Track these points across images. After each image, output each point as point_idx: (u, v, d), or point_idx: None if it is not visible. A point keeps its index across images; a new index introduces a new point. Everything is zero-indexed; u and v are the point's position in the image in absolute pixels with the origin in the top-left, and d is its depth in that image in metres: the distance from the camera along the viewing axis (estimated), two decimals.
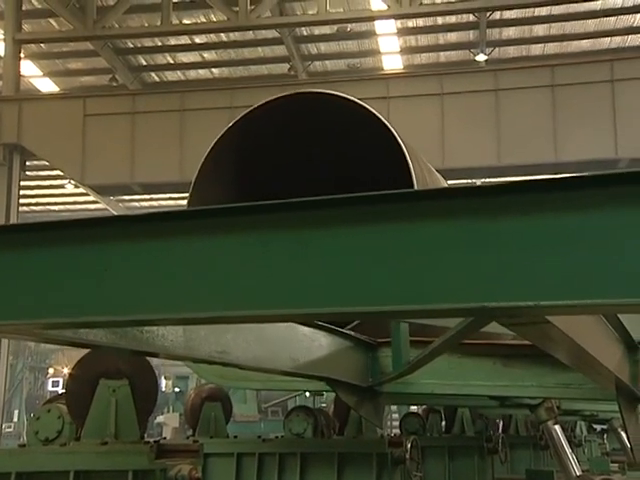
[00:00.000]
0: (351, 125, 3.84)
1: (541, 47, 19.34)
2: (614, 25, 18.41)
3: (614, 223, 1.26)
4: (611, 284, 1.25)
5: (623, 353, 2.96)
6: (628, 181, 1.25)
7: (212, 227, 1.44)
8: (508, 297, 1.30)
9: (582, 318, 2.06)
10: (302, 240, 1.39)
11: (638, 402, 3.07)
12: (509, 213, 1.30)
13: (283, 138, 4.02)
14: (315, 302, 1.40)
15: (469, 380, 3.68)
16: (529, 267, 1.28)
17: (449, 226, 1.33)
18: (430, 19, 17.62)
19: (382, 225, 1.36)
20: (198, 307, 1.45)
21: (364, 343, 3.83)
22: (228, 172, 3.95)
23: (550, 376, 3.30)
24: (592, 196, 1.26)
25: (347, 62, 19.85)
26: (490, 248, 1.31)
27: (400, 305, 1.37)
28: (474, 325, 2.00)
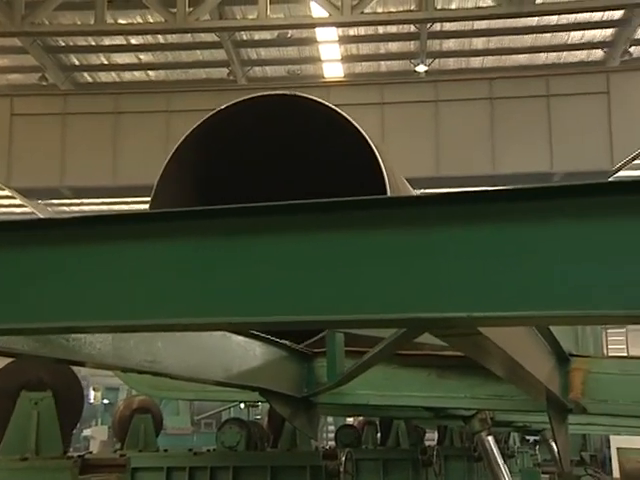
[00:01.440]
0: (322, 129, 3.74)
1: (480, 60, 19.72)
2: (550, 41, 18.93)
3: (546, 235, 1.25)
4: (541, 296, 1.24)
5: (554, 365, 2.97)
6: (559, 194, 1.25)
7: (145, 232, 1.40)
8: (440, 308, 1.29)
9: (514, 330, 2.05)
10: (238, 247, 1.37)
11: (568, 413, 3.10)
12: (444, 224, 1.30)
13: (251, 141, 3.90)
14: (249, 311, 1.37)
15: (404, 391, 3.67)
16: (461, 278, 1.27)
17: (383, 236, 1.32)
18: (371, 28, 17.78)
19: (317, 234, 1.35)
20: (128, 315, 1.41)
21: (299, 353, 3.77)
22: (191, 175, 3.81)
23: (484, 387, 3.30)
24: (526, 209, 1.26)
25: (287, 68, 19.86)
26: (423, 259, 1.30)
27: (333, 315, 1.36)
28: (407, 336, 1.97)
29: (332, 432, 10.67)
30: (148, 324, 1.47)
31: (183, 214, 1.39)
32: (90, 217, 1.40)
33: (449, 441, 7.20)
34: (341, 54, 19.10)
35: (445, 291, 1.28)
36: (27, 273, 1.42)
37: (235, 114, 3.50)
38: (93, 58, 19.26)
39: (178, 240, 1.38)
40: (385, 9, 16.83)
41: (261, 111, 3.52)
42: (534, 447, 9.74)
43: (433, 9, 15.38)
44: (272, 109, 3.53)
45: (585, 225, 1.24)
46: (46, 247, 1.42)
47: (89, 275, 1.40)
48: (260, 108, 3.52)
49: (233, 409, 14.88)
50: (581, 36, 18.83)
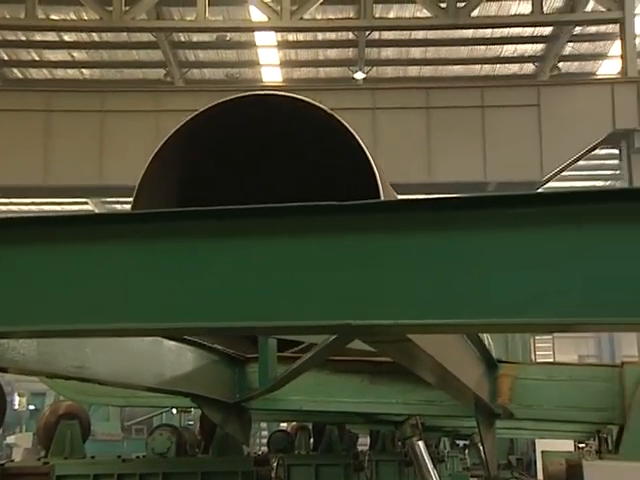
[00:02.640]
0: (311, 130, 3.67)
1: (417, 69, 20.02)
2: (484, 54, 19.37)
3: (473, 244, 1.27)
4: (468, 304, 1.26)
5: (483, 371, 3.03)
6: (490, 204, 1.27)
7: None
8: (369, 315, 1.30)
9: (444, 337, 2.07)
10: (171, 252, 1.35)
11: (495, 418, 3.16)
12: (374, 231, 1.30)
13: (236, 141, 3.81)
14: (182, 316, 1.36)
15: (336, 397, 3.68)
16: (390, 286, 1.29)
17: (313, 243, 1.32)
18: (310, 34, 17.83)
19: (250, 240, 1.34)
20: (59, 319, 1.38)
21: (232, 358, 3.74)
22: (174, 176, 3.70)
23: (414, 393, 3.34)
24: (455, 218, 1.27)
25: (226, 72, 19.73)
26: (353, 266, 1.31)
27: (264, 321, 1.36)
28: (338, 342, 1.98)
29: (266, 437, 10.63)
30: (79, 329, 1.43)
31: (130, 217, 1.38)
32: (20, 219, 1.36)
33: (381, 446, 7.25)
34: (280, 59, 19.09)
35: (374, 299, 1.29)
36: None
37: (221, 113, 3.44)
38: (23, 54, 18.70)
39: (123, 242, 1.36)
40: (324, 16, 16.92)
41: (248, 111, 3.46)
42: (464, 451, 9.90)
43: (372, 17, 15.53)
44: (259, 108, 3.47)
45: (512, 235, 1.26)
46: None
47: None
48: (247, 107, 3.46)
49: (165, 414, 14.65)
50: (514, 50, 19.33)
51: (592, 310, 1.22)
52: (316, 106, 3.46)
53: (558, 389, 3.15)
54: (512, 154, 14.66)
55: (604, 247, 1.23)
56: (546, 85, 15.83)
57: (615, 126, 13.99)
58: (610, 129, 14.03)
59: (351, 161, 3.36)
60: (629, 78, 14.26)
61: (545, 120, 14.53)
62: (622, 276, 1.21)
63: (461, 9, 14.74)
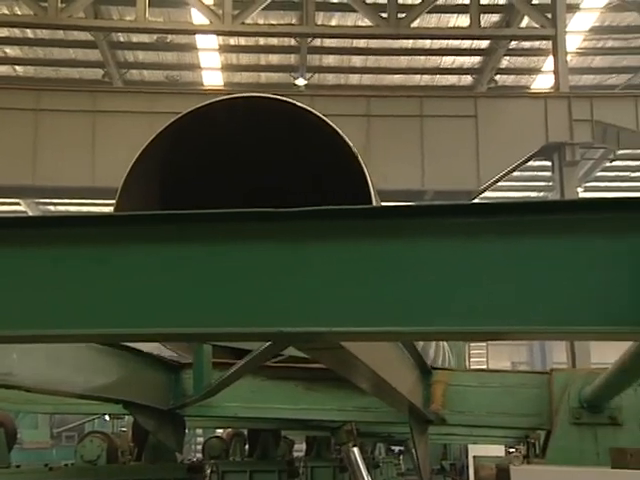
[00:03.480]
0: (302, 135, 3.59)
1: (358, 77, 20.19)
2: (424, 64, 19.67)
3: (407, 253, 1.28)
4: (400, 312, 1.26)
5: (417, 378, 3.06)
6: (424, 213, 1.29)
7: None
8: (303, 322, 1.30)
9: (377, 344, 2.09)
10: (98, 258, 1.33)
11: (428, 424, 3.19)
12: (306, 238, 1.30)
13: (221, 145, 3.71)
14: (108, 323, 1.33)
15: (272, 403, 3.67)
16: (323, 293, 1.28)
17: (245, 250, 1.32)
18: (252, 39, 17.78)
19: (182, 246, 1.33)
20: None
21: (166, 364, 3.69)
22: (155, 178, 3.59)
23: (350, 399, 3.35)
24: (388, 226, 1.28)
25: (166, 74, 19.50)
26: (285, 273, 1.30)
27: (195, 328, 1.34)
28: (272, 349, 1.97)
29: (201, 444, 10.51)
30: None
31: (39, 221, 1.34)
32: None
33: (316, 452, 7.26)
34: (221, 63, 18.98)
35: (306, 306, 1.29)
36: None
37: (207, 115, 3.35)
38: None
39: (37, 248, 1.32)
40: (266, 21, 16.90)
41: (235, 113, 3.39)
42: (399, 457, 10.00)
43: (313, 24, 15.59)
44: (247, 110, 3.40)
45: (444, 244, 1.27)
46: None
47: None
48: (235, 109, 3.39)
49: (97, 421, 14.33)
50: (452, 61, 19.70)
51: (521, 320, 1.24)
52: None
53: (489, 395, 3.21)
54: (450, 163, 14.89)
55: (534, 257, 1.25)
56: (483, 97, 16.17)
57: (548, 139, 14.38)
58: (543, 142, 14.41)
59: (339, 166, 3.36)
60: (561, 93, 14.69)
61: (482, 131, 14.82)
62: (550, 286, 1.24)
63: (402, 19, 14.93)
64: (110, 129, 13.79)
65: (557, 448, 2.95)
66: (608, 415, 2.94)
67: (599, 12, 17.92)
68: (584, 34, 18.67)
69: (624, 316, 1.21)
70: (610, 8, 17.62)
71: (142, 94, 14.56)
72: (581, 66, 19.60)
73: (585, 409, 2.96)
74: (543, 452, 3.00)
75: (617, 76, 20.33)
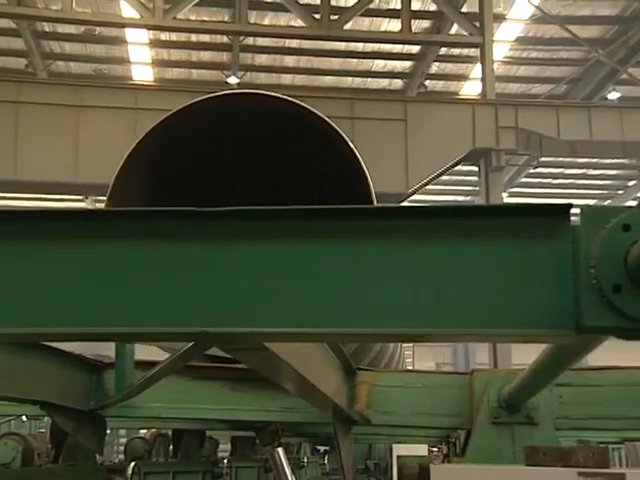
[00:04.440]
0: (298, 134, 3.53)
1: (291, 77, 20.19)
2: (356, 67, 19.84)
3: (331, 255, 1.28)
4: (321, 313, 1.27)
5: (342, 378, 3.08)
6: (350, 216, 1.29)
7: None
8: (226, 323, 1.30)
9: (302, 345, 2.09)
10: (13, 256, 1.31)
11: (353, 424, 3.22)
12: (231, 238, 1.30)
13: (215, 142, 3.61)
14: (26, 322, 1.31)
15: (197, 403, 3.63)
16: (246, 294, 1.28)
17: (169, 250, 1.31)
18: (183, 35, 17.58)
19: (99, 244, 1.31)
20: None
21: (87, 364, 3.60)
22: (146, 175, 3.47)
23: (275, 400, 3.35)
24: (312, 228, 1.29)
25: (93, 67, 19.07)
26: (210, 273, 1.30)
27: (119, 327, 1.33)
28: (195, 349, 1.94)
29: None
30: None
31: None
32: None
33: (241, 452, 7.23)
34: (151, 58, 18.69)
35: (231, 306, 1.29)
36: None
37: (201, 111, 3.27)
38: None
39: None
40: (198, 17, 16.73)
41: (231, 109, 3.31)
42: (324, 457, 10.05)
43: (246, 22, 15.51)
44: (241, 107, 3.32)
45: (367, 246, 1.28)
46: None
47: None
48: (230, 106, 3.30)
49: (14, 422, 13.89)
50: (384, 65, 19.94)
51: (440, 322, 1.26)
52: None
53: (413, 396, 3.26)
54: (379, 166, 15.05)
55: (452, 261, 1.27)
56: (413, 101, 16.41)
57: (475, 144, 14.71)
58: (470, 147, 14.73)
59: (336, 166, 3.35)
60: (488, 100, 15.05)
61: (411, 135, 15.05)
62: (469, 289, 1.26)
63: (334, 21, 15.01)
64: (34, 121, 13.38)
65: (476, 447, 3.02)
66: (525, 415, 3.03)
67: (524, 23, 18.47)
68: (510, 44, 19.21)
69: (540, 319, 1.25)
70: (534, 20, 18.19)
71: (68, 86, 14.17)
72: (507, 74, 20.15)
73: (504, 409, 3.04)
74: (463, 451, 3.07)
75: (540, 86, 21.00)
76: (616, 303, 1.19)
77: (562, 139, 15.12)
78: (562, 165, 21.30)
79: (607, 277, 1.20)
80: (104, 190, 3.28)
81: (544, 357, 2.08)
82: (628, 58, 19.63)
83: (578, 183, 23.86)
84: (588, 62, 19.80)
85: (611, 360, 3.26)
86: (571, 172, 22.72)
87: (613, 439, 4.54)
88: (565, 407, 3.13)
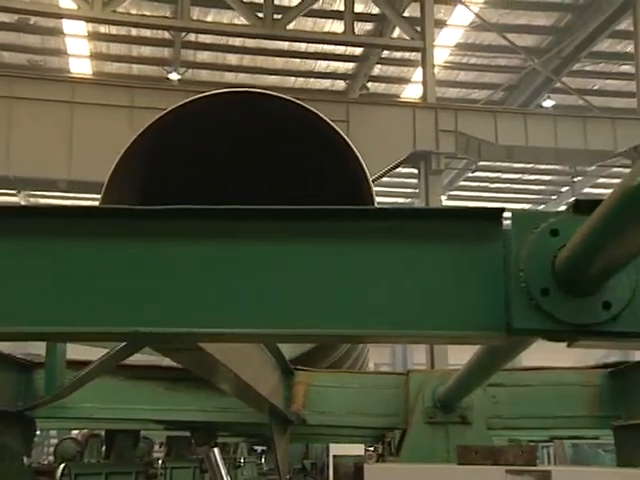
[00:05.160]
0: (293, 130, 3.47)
1: (234, 76, 20.08)
2: (299, 67, 19.85)
3: (267, 254, 1.29)
4: (257, 314, 1.27)
5: (279, 378, 3.08)
6: (290, 217, 1.30)
7: None
8: (159, 323, 1.29)
9: (237, 345, 2.08)
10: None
11: (289, 424, 3.22)
12: (163, 238, 1.29)
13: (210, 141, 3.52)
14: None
15: (131, 404, 3.58)
16: (180, 293, 1.28)
17: (101, 248, 1.30)
18: (124, 28, 17.28)
19: (31, 241, 1.29)
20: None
21: (16, 363, 3.50)
22: (139, 173, 3.36)
23: (211, 400, 3.32)
24: (252, 228, 1.28)
25: (28, 57, 18.57)
26: (142, 272, 1.29)
27: (49, 327, 1.31)
28: (127, 349, 1.91)
29: None
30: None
31: None
32: None
33: (177, 453, 7.15)
34: (90, 50, 18.32)
35: (163, 306, 1.28)
36: None
37: (194, 111, 3.20)
38: None
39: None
40: (139, 11, 16.48)
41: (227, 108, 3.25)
42: (261, 457, 10.03)
43: (188, 19, 15.35)
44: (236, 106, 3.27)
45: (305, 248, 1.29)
46: None
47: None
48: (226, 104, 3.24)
49: None
50: (327, 66, 20.01)
51: (376, 323, 1.27)
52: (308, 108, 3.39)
53: (349, 396, 3.28)
54: None
55: (390, 263, 1.28)
56: (355, 103, 16.51)
57: (415, 147, 14.89)
58: (411, 150, 14.91)
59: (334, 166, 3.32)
60: (428, 104, 15.26)
61: (353, 136, 15.02)
62: (404, 292, 1.27)
63: (277, 21, 14.99)
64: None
65: (411, 446, 3.06)
66: (459, 414, 3.08)
67: (464, 30, 18.81)
68: (450, 49, 19.53)
69: (472, 321, 1.27)
70: (474, 27, 18.55)
71: (2, 77, 13.76)
72: (447, 79, 20.47)
73: (438, 408, 3.09)
74: (398, 450, 3.11)
75: (479, 91, 21.44)
76: (543, 306, 1.21)
77: (500, 144, 15.46)
78: (499, 170, 21.77)
79: (535, 280, 1.22)
80: (38, 184, 3.19)
81: (477, 358, 2.12)
82: (562, 68, 20.24)
83: (514, 187, 24.42)
84: (524, 70, 20.29)
85: (544, 360, 3.35)
86: (508, 177, 23.24)
87: (543, 438, 4.68)
88: (498, 407, 3.20)
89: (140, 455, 6.24)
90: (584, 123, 16.23)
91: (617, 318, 1.22)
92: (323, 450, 9.20)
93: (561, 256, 1.21)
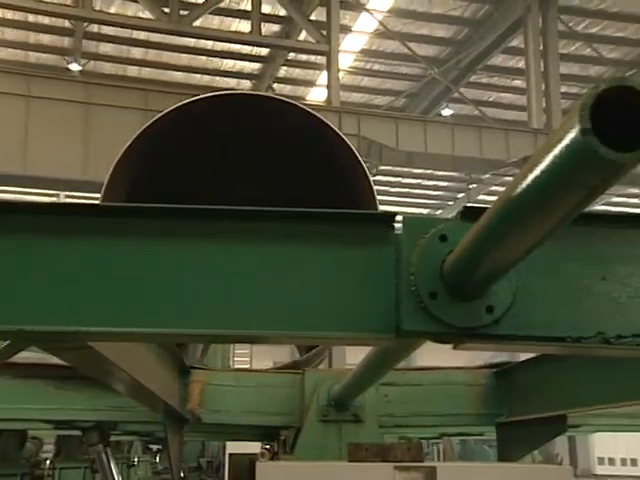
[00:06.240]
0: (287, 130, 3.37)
1: (137, 70, 19.67)
2: (205, 64, 19.67)
3: (155, 255, 1.28)
4: (146, 313, 1.26)
5: (174, 377, 3.06)
6: (174, 215, 1.29)
7: None
8: (46, 321, 1.25)
9: (130, 344, 2.05)
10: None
11: (184, 423, 3.20)
12: (46, 234, 1.26)
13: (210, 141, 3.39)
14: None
15: (18, 403, 3.46)
16: (66, 291, 1.25)
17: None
18: (20, 14, 16.62)
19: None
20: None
21: None
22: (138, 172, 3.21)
23: (104, 399, 3.26)
24: (135, 226, 1.28)
25: None
26: (25, 271, 1.26)
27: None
28: (12, 348, 1.85)
29: None
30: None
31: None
32: None
33: (67, 453, 6.95)
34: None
35: (51, 304, 1.25)
36: None
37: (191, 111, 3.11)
38: None
39: None
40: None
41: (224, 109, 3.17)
42: (156, 455, 9.89)
43: (90, 9, 14.93)
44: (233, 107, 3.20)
45: (191, 248, 1.29)
46: None
47: None
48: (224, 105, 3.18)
49: None
50: (233, 65, 19.92)
51: (269, 324, 1.28)
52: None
53: (245, 395, 3.29)
54: None
55: (282, 265, 1.29)
56: None
57: None
58: None
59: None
60: (332, 107, 15.46)
61: None
62: (297, 293, 1.29)
63: (184, 17, 14.81)
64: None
65: (305, 444, 3.10)
66: (352, 413, 3.13)
67: (368, 36, 19.18)
68: (355, 55, 19.86)
69: (364, 323, 1.29)
70: (378, 34, 18.96)
71: None
72: (352, 84, 20.81)
73: (332, 407, 3.13)
74: (292, 448, 3.14)
75: (382, 97, 21.91)
76: (431, 309, 1.24)
77: (400, 149, 15.83)
78: (400, 174, 22.28)
79: (424, 284, 1.25)
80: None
81: (370, 358, 2.17)
82: (460, 79, 20.99)
83: (414, 192, 25.06)
84: (425, 79, 20.92)
85: (437, 361, 3.46)
86: (408, 182, 23.82)
87: (432, 435, 4.83)
88: (390, 405, 3.28)
89: (27, 456, 6.03)
90: (479, 133, 16.90)
91: (499, 321, 1.25)
92: (220, 448, 9.17)
93: (449, 261, 1.23)
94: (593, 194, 0.89)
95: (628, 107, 0.81)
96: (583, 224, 1.30)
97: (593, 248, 1.31)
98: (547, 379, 2.77)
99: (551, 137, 0.87)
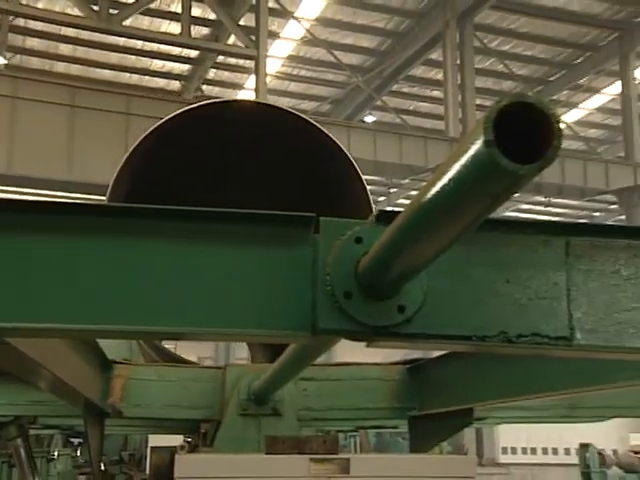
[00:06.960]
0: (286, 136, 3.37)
1: (65, 66, 19.29)
2: (134, 64, 19.45)
3: (71, 250, 1.30)
4: (71, 309, 1.27)
5: (96, 372, 3.08)
6: (105, 214, 1.32)
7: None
8: None
9: (52, 341, 2.04)
10: None
11: (105, 417, 3.23)
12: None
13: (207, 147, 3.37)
14: None
15: None
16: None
17: None
18: None
19: None
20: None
21: None
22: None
23: (23, 393, 3.23)
24: (54, 223, 1.29)
25: None
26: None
27: None
28: None
29: None
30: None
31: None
32: None
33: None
34: None
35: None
36: None
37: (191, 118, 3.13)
38: None
39: None
40: None
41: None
42: (77, 449, 9.74)
43: (17, 2, 14.58)
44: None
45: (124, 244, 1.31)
46: None
47: None
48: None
49: None
50: (162, 65, 19.76)
51: (194, 321, 1.32)
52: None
53: (167, 389, 3.33)
54: None
55: (209, 263, 1.34)
56: (190, 104, 16.44)
57: None
58: None
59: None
60: None
61: None
62: (222, 292, 1.33)
63: (114, 16, 14.62)
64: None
65: (224, 437, 3.16)
66: (272, 407, 3.21)
67: (295, 43, 19.42)
68: (282, 60, 20.05)
69: (281, 321, 1.34)
70: (304, 42, 19.22)
71: None
72: (279, 88, 20.99)
73: (252, 401, 3.20)
74: (212, 441, 3.22)
75: (308, 102, 22.19)
76: (346, 308, 1.29)
77: None
78: None
79: (340, 284, 1.30)
80: None
81: (289, 354, 2.23)
82: (382, 87, 21.54)
83: None
84: (349, 86, 21.34)
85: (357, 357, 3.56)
86: None
87: (349, 428, 4.97)
88: (308, 399, 3.35)
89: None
90: (400, 140, 17.42)
91: (410, 320, 1.29)
92: (142, 441, 9.10)
93: (363, 262, 1.27)
94: (496, 202, 0.94)
95: (528, 122, 0.85)
96: (489, 230, 1.37)
97: (498, 253, 1.37)
98: (455, 375, 2.89)
99: (458, 147, 0.91)
